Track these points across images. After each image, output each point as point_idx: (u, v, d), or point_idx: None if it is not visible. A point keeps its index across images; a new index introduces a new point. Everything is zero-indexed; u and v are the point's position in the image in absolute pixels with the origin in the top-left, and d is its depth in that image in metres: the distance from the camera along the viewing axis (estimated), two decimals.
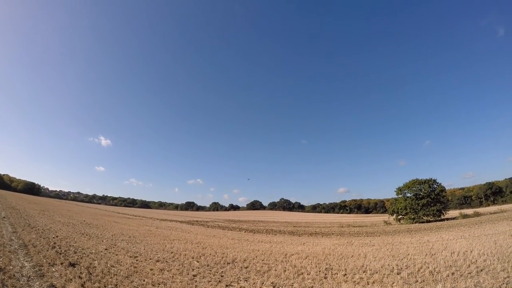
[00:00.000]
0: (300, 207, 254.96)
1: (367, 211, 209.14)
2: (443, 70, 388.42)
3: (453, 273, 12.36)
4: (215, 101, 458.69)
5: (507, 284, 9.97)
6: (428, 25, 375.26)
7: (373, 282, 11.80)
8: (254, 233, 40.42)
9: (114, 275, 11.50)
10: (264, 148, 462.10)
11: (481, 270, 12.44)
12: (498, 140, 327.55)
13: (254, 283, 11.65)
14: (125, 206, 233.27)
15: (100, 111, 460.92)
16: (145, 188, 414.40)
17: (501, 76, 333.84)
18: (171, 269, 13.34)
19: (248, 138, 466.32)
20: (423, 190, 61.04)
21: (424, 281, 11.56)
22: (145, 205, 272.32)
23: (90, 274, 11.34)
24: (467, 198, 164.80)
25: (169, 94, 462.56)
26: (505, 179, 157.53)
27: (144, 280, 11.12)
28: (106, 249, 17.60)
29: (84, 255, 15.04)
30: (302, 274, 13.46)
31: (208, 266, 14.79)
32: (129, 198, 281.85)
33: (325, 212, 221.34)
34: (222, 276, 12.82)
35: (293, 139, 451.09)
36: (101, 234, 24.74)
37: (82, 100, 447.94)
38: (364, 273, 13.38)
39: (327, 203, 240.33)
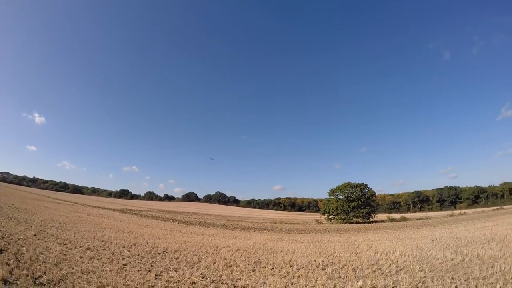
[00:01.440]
0: (235, 202, 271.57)
1: (301, 209, 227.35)
2: (388, 84, 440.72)
3: (374, 271, 14.12)
4: (155, 93, 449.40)
5: (423, 283, 11.74)
6: (375, 33, 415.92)
7: (299, 277, 13.12)
8: (188, 224, 44.08)
9: (42, 262, 12.01)
10: (203, 141, 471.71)
11: (401, 270, 14.41)
12: (429, 153, 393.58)
13: (183, 274, 12.57)
14: (56, 190, 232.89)
15: (37, 84, 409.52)
16: (79, 172, 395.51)
17: (438, 95, 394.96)
18: (101, 258, 14.22)
19: (188, 131, 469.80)
20: (354, 193, 70.44)
21: (347, 277, 13.10)
22: (78, 190, 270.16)
23: (18, 261, 11.78)
24: (396, 204, 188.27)
25: (110, 81, 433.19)
26: (433, 189, 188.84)
27: (73, 268, 11.66)
28: (35, 235, 18.35)
29: (12, 240, 15.53)
30: (231, 266, 14.80)
31: (138, 255, 15.87)
32: (61, 182, 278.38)
33: (260, 208, 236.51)
34: (152, 266, 13.78)
35: (234, 133, 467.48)
36: (30, 219, 25.82)
37: (18, 72, 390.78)
38: (291, 268, 14.93)
39: (262, 199, 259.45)
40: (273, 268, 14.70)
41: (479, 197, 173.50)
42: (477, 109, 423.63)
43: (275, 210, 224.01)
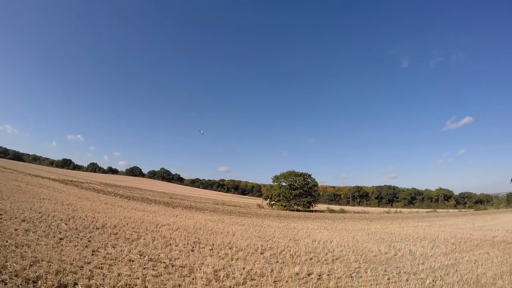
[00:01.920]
0: (179, 180, 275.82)
1: (244, 192, 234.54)
2: (340, 81, 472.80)
3: (311, 258, 14.68)
4: (104, 61, 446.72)
5: (357, 273, 12.39)
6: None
7: (237, 259, 13.33)
8: (130, 200, 44.84)
9: None
10: (152, 116, 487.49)
11: (337, 259, 15.12)
12: (373, 152, 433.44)
13: (121, 250, 12.53)
14: None
15: None
16: (21, 137, 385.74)
17: (390, 99, 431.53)
18: (37, 231, 14.01)
19: (136, 104, 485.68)
20: (297, 181, 73.17)
21: (284, 262, 13.50)
22: (18, 157, 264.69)
23: None
24: (337, 196, 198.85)
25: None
26: (373, 186, 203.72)
27: (7, 241, 11.46)
28: None
29: None
30: (170, 245, 14.96)
31: (76, 229, 15.72)
32: (1, 147, 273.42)
33: (203, 188, 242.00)
34: (89, 241, 13.64)
35: (184, 111, 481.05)
36: None
37: None
38: (230, 250, 15.20)
39: (207, 179, 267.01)
40: (212, 249, 14.88)
41: (415, 198, 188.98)
42: (425, 118, 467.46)
43: (218, 191, 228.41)
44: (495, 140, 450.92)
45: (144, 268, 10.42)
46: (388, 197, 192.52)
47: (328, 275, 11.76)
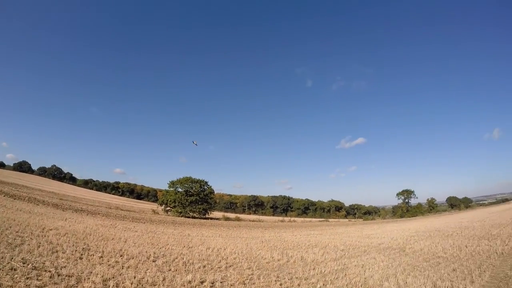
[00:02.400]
0: (71, 179, 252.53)
1: (139, 197, 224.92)
2: (244, 94, 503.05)
3: (205, 266, 14.70)
4: None
5: (250, 279, 12.75)
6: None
7: (128, 267, 12.88)
8: (15, 199, 41.84)
9: None
10: (47, 108, 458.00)
11: (230, 266, 15.41)
12: (270, 163, 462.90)
13: (2, 258, 11.63)
14: None
15: None
16: None
17: (292, 115, 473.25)
18: None
19: (32, 95, 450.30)
20: (194, 188, 73.95)
21: (177, 270, 13.34)
22: None
23: None
24: (233, 204, 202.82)
25: None
26: (269, 195, 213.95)
27: None
28: None
29: None
30: (57, 252, 14.17)
31: None
32: None
33: (97, 190, 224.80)
34: None
35: (82, 105, 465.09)
36: None
37: None
38: (121, 257, 14.67)
39: (101, 180, 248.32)
40: (102, 257, 14.24)
41: (308, 208, 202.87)
42: (322, 135, 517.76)
43: (113, 194, 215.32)
44: (383, 159, 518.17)
45: (28, 278, 9.55)
46: (283, 206, 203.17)
47: (221, 282, 11.88)
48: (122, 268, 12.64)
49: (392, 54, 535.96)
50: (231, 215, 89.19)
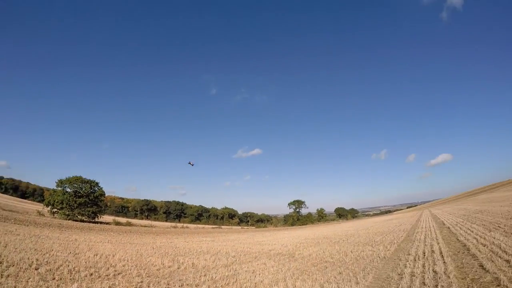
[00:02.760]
0: None
1: (24, 195, 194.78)
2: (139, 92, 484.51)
3: (92, 274, 13.92)
4: None
5: None
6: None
7: (8, 276, 11.80)
8: None
9: None
10: None
11: (119, 274, 14.83)
12: (166, 168, 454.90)
13: None
14: None
15: None
16: None
17: (193, 120, 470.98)
18: None
19: None
20: (84, 189, 69.14)
21: (61, 279, 12.42)
22: None
23: None
24: (125, 208, 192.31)
25: None
26: (162, 200, 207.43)
27: None
28: None
29: None
30: None
31: None
32: None
33: None
34: None
35: None
36: None
37: None
38: (0, 264, 13.48)
39: None
40: None
41: (202, 215, 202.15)
42: (220, 144, 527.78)
43: None
44: (277, 170, 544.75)
45: None
46: (176, 212, 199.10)
47: None
48: (1, 277, 11.50)
49: (293, 76, 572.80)
50: (122, 220, 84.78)
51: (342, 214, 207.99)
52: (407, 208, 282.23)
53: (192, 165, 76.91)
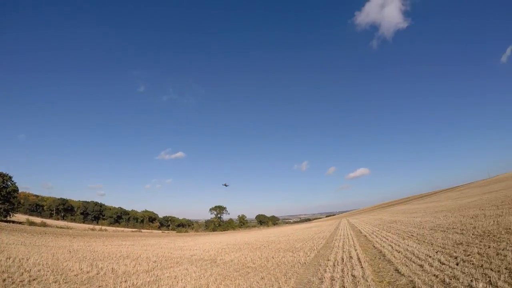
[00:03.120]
0: None
1: None
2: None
3: (4, 280, 13.26)
4: None
5: None
6: None
7: None
8: None
9: None
10: None
11: (34, 280, 14.21)
12: (83, 167, 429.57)
13: None
14: None
15: None
16: None
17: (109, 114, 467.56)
18: None
19: None
20: None
21: None
22: None
23: None
24: (39, 207, 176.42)
25: None
26: (79, 200, 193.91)
27: None
28: None
29: None
30: None
31: None
32: None
33: None
34: None
35: None
36: None
37: None
38: None
39: None
40: None
41: (121, 217, 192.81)
42: (143, 143, 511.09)
43: None
44: (200, 174, 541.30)
45: None
46: (94, 213, 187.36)
47: None
48: None
49: (223, 78, 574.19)
50: (37, 220, 78.28)
51: (263, 221, 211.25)
52: (326, 216, 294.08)
53: (227, 185, 75.90)
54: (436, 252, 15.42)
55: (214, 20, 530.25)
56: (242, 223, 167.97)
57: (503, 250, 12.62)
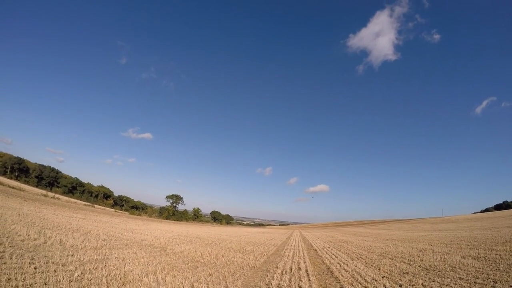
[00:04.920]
0: None
1: None
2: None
3: None
4: None
5: (1, 258, 11.35)
6: None
7: None
8: None
9: None
10: None
11: None
12: (43, 129, 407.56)
13: None
14: None
15: None
16: None
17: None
18: None
19: None
20: None
21: None
22: None
23: None
24: None
25: None
26: (36, 163, 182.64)
27: None
28: None
29: None
30: None
31: None
32: None
33: None
34: None
35: None
36: None
37: None
38: None
39: None
40: None
41: (76, 188, 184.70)
42: (111, 118, 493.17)
43: None
44: (163, 159, 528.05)
45: None
46: (49, 179, 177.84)
47: None
48: None
49: (207, 70, 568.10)
50: None
51: (217, 218, 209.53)
52: (279, 225, 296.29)
53: (313, 197, 74.01)
54: (383, 277, 15.67)
55: (211, 19, 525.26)
56: (196, 216, 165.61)
57: (446, 286, 13.00)
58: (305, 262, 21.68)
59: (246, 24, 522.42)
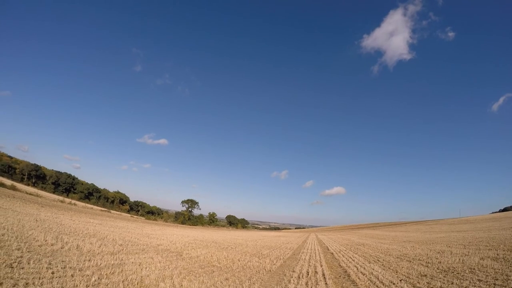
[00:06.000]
0: None
1: None
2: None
3: None
4: None
5: (18, 263, 11.10)
6: None
7: None
8: None
9: None
10: None
11: None
12: (61, 136, 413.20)
13: None
14: None
15: None
16: None
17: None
18: None
19: None
20: None
21: None
22: None
23: None
24: (12, 169, 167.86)
25: None
26: (53, 170, 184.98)
27: None
28: None
29: None
30: None
31: None
32: None
33: None
34: None
35: None
36: None
37: None
38: None
39: None
40: None
41: (92, 194, 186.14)
42: (127, 124, 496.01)
43: None
44: (179, 165, 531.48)
45: None
46: (66, 185, 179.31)
47: None
48: None
49: (222, 76, 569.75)
50: (7, 182, 74.40)
51: (232, 222, 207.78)
52: (295, 228, 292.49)
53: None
54: (400, 280, 15.14)
55: (225, 24, 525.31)
56: (212, 220, 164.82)
57: None
58: (321, 266, 21.13)
59: (260, 28, 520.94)
